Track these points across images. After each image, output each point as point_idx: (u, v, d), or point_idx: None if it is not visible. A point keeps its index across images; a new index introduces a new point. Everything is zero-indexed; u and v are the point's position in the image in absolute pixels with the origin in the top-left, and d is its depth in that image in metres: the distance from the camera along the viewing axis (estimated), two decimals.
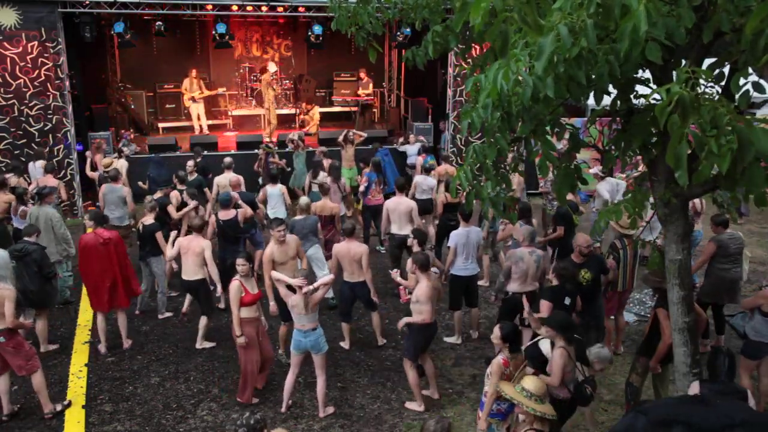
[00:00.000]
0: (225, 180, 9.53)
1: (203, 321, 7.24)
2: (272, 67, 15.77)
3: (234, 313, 5.95)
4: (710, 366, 4.63)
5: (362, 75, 16.40)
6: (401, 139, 13.80)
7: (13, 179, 9.44)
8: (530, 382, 4.26)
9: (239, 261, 6.04)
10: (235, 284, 5.96)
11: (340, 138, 12.22)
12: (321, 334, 5.87)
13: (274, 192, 9.32)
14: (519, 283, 6.57)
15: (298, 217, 7.79)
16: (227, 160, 9.92)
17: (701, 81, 3.08)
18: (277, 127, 15.39)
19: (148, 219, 7.76)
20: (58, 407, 6.05)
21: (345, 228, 7.09)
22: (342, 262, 6.99)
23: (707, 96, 3.06)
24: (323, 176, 9.74)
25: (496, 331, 4.91)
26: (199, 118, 15.16)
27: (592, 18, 2.83)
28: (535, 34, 2.73)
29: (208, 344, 7.28)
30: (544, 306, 5.62)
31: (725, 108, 2.95)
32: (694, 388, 4.00)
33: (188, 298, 7.51)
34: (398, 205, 8.28)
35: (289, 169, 12.21)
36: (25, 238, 6.83)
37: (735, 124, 2.90)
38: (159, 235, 7.68)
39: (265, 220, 9.34)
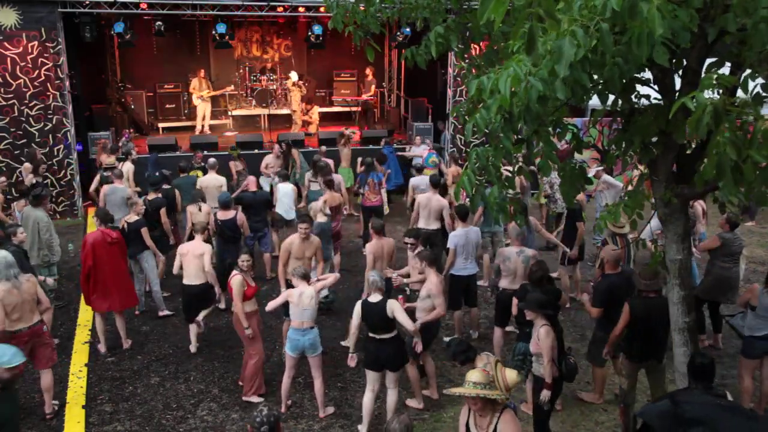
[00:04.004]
0: (208, 181, 9.40)
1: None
2: (294, 76, 15.89)
3: (238, 306, 5.98)
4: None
5: (368, 72, 16.37)
6: (409, 147, 13.39)
7: None
8: (472, 375, 3.91)
9: (243, 257, 6.13)
10: (238, 278, 6.01)
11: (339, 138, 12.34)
12: (317, 334, 5.87)
13: (286, 190, 9.47)
14: (508, 281, 6.61)
15: (320, 220, 7.97)
16: (211, 160, 9.81)
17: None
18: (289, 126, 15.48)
19: (132, 217, 7.74)
20: (55, 406, 6.07)
21: (374, 226, 7.16)
22: (377, 261, 7.00)
23: (730, 101, 3.03)
24: (309, 176, 10.02)
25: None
26: (203, 118, 15.18)
27: (607, 22, 2.80)
28: (556, 27, 2.69)
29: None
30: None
31: (755, 112, 2.95)
32: None
33: (193, 337, 7.16)
34: (430, 201, 8.44)
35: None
36: (13, 240, 6.69)
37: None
38: (144, 231, 7.68)
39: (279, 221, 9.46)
